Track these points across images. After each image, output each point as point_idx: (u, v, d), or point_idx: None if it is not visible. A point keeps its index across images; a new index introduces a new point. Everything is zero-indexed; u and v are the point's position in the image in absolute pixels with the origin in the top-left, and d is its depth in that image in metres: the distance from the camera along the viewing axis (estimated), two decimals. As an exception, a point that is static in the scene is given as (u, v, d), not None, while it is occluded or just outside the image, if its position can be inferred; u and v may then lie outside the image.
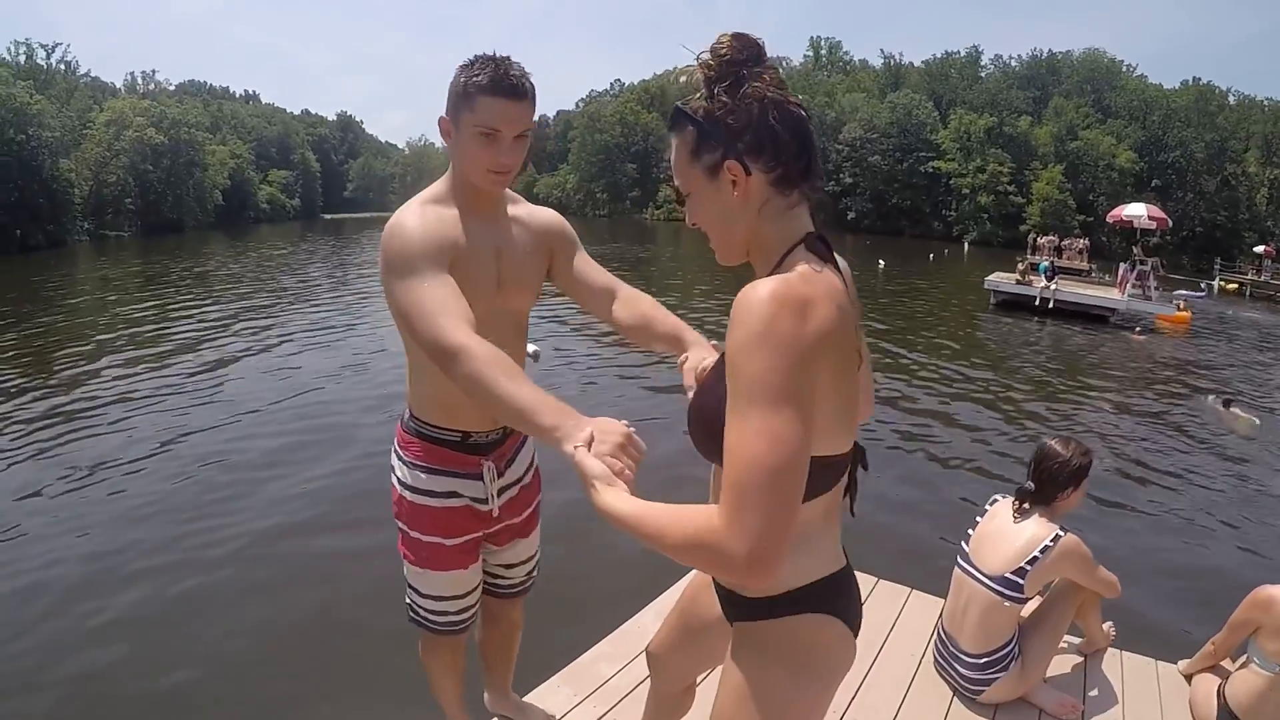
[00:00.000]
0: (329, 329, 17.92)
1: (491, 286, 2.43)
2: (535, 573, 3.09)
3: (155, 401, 11.67)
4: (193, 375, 13.41)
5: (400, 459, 2.68)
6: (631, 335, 2.47)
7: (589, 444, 1.65)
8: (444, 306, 2.07)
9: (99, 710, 4.84)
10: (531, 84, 2.28)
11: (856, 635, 1.76)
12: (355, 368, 13.84)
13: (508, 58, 2.27)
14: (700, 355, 2.12)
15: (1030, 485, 3.45)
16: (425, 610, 2.80)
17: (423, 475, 2.62)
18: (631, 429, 1.70)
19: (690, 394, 1.99)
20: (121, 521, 7.51)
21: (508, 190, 2.53)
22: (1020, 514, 3.44)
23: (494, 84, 2.20)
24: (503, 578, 3.00)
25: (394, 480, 2.70)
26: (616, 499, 1.57)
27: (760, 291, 1.39)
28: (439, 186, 2.43)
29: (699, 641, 2.18)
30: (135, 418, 10.78)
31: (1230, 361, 18.34)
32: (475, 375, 1.92)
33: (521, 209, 2.61)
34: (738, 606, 1.77)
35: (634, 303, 2.53)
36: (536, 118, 2.30)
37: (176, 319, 19.94)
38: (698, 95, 1.59)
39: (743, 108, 1.52)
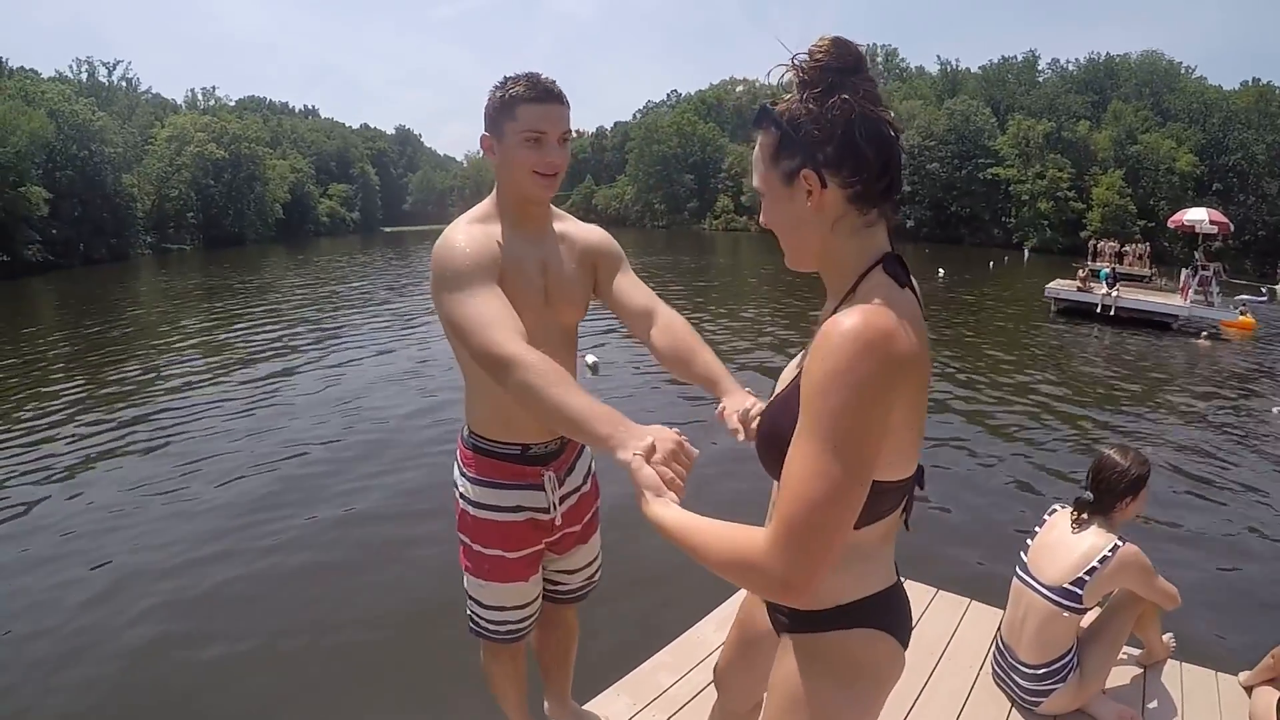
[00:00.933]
0: (385, 338, 18.14)
1: (539, 300, 2.49)
2: (596, 578, 3.14)
3: (215, 407, 11.96)
4: (251, 383, 13.71)
5: (463, 474, 2.74)
6: (666, 363, 2.49)
7: (646, 454, 1.69)
8: (496, 318, 2.13)
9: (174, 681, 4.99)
10: (561, 90, 2.39)
11: (906, 648, 1.76)
12: (410, 374, 14.03)
13: (537, 74, 2.38)
14: (738, 403, 2.13)
15: (1089, 495, 3.42)
16: (486, 621, 2.86)
17: (486, 490, 2.68)
18: (683, 436, 1.74)
19: (738, 437, 2.04)
20: (178, 518, 7.77)
21: (554, 208, 2.60)
22: (1079, 524, 3.42)
23: (533, 90, 2.32)
24: (563, 584, 3.05)
25: (457, 495, 2.76)
26: (666, 510, 1.64)
27: (844, 328, 1.39)
28: (485, 206, 2.51)
29: (758, 657, 2.16)
30: (197, 422, 11.05)
31: (1296, 368, 17.96)
32: (528, 384, 1.97)
33: (568, 225, 2.67)
34: (787, 618, 1.79)
35: (671, 330, 2.53)
36: (594, 128, 2.38)
37: (237, 328, 20.29)
38: (788, 97, 1.56)
39: (829, 118, 1.47)
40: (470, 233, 2.38)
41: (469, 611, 2.89)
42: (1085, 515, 3.43)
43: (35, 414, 12.00)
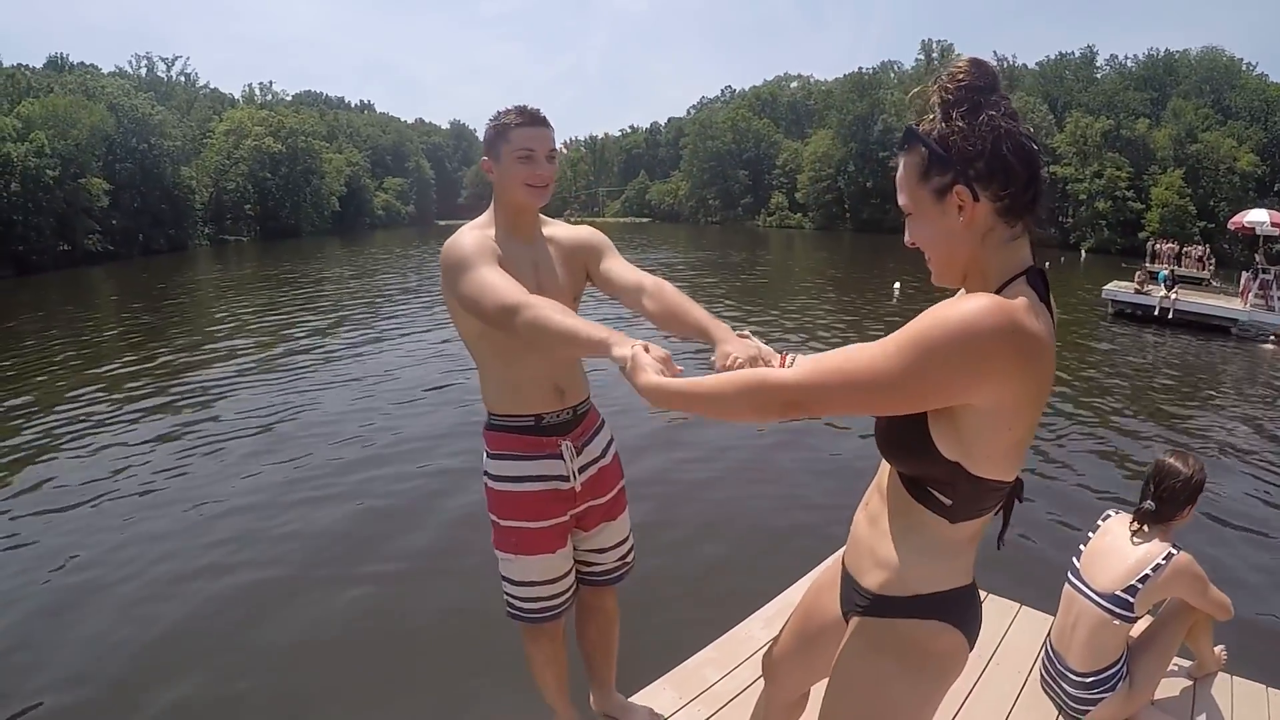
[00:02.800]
0: (432, 328, 18.26)
1: (536, 280, 2.75)
2: (630, 559, 3.27)
3: (264, 393, 12.19)
4: (302, 371, 13.93)
5: (487, 455, 2.96)
6: (660, 324, 2.68)
7: (643, 347, 1.96)
8: (501, 281, 2.50)
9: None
10: (547, 117, 2.79)
11: (973, 647, 1.83)
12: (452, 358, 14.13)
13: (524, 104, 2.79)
14: (730, 349, 2.25)
15: (1151, 505, 3.38)
16: (518, 599, 3.01)
17: (507, 463, 2.91)
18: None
19: None
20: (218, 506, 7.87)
21: (542, 216, 2.95)
22: (1140, 536, 3.37)
23: (523, 117, 2.72)
24: (596, 564, 3.18)
25: (484, 479, 2.97)
26: (671, 380, 1.85)
27: (976, 298, 1.52)
28: (484, 218, 2.86)
29: (818, 648, 2.20)
30: (248, 410, 11.25)
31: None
32: (536, 318, 2.32)
33: (556, 229, 2.99)
34: (866, 600, 1.85)
35: (660, 295, 2.73)
36: (648, 124, 2.56)
37: (295, 316, 20.54)
38: (930, 118, 1.63)
39: (978, 134, 1.55)
40: (472, 234, 2.73)
41: (504, 595, 3.04)
42: (1147, 527, 3.39)
43: (95, 394, 12.25)
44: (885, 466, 1.85)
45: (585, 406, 3.03)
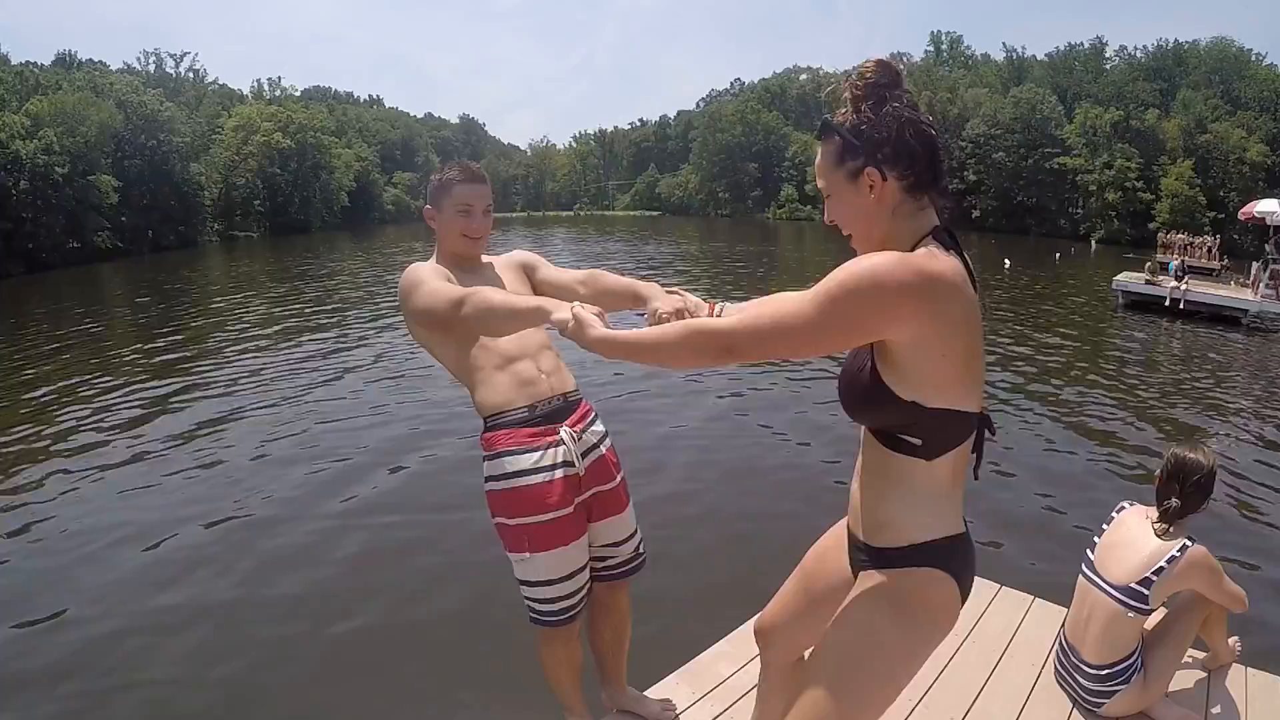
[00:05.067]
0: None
1: None
2: (643, 551, 3.26)
3: (274, 390, 12.20)
4: (308, 367, 13.88)
5: (486, 460, 2.96)
6: (600, 302, 2.62)
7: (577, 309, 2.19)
8: (447, 285, 2.82)
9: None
10: (482, 171, 3.11)
11: (965, 599, 1.95)
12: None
13: (465, 161, 3.16)
14: (658, 305, 2.44)
15: (1176, 503, 3.36)
16: (537, 601, 2.99)
17: (506, 460, 2.89)
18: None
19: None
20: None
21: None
22: (1166, 535, 3.34)
23: (464, 174, 3.02)
24: (611, 557, 3.18)
25: (487, 487, 2.97)
26: (617, 332, 2.08)
27: (880, 253, 1.73)
28: (432, 260, 3.09)
29: (819, 608, 2.27)
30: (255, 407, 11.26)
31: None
32: (480, 302, 2.66)
33: (495, 258, 3.24)
34: (867, 556, 1.98)
35: (592, 280, 3.03)
36: (657, 118, 2.68)
37: (304, 312, 20.56)
38: (843, 111, 1.85)
39: (883, 123, 1.78)
40: (423, 265, 2.98)
41: (524, 599, 3.03)
42: (1172, 527, 3.38)
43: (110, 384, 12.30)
44: (864, 433, 1.97)
45: (576, 396, 3.10)
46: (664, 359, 2.02)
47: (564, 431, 2.93)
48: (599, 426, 3.14)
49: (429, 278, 2.86)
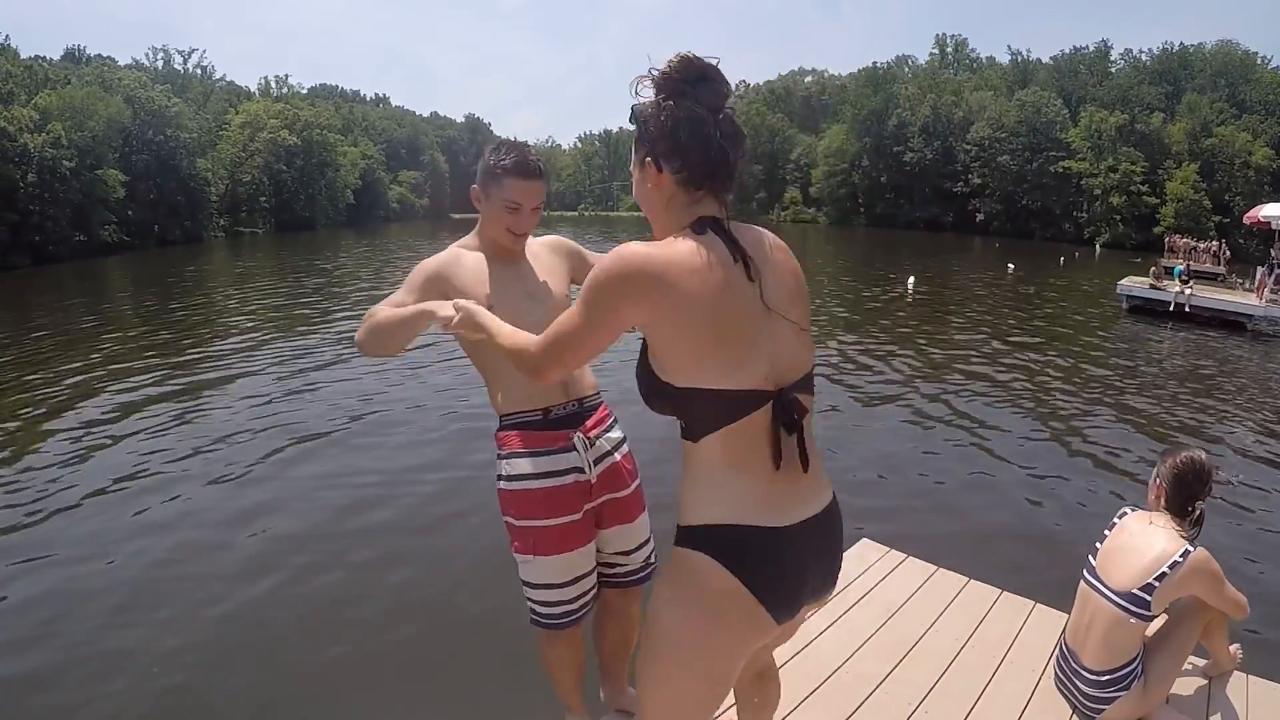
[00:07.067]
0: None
1: (527, 302, 2.90)
2: (654, 559, 3.21)
3: (276, 387, 12.23)
4: (309, 365, 13.89)
5: (499, 457, 2.96)
6: None
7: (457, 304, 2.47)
8: (386, 302, 2.81)
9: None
10: (545, 167, 2.95)
11: (774, 601, 1.91)
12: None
13: (526, 144, 2.98)
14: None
15: (1202, 506, 3.40)
16: (538, 604, 2.98)
17: (520, 461, 2.89)
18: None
19: None
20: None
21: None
22: (1184, 537, 3.35)
23: (518, 168, 2.86)
24: (621, 565, 3.15)
25: (499, 485, 2.96)
26: (483, 315, 2.40)
27: (610, 252, 1.90)
28: (470, 237, 3.07)
29: None
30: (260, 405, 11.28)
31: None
32: (369, 324, 2.73)
33: (535, 242, 3.14)
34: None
35: None
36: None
37: (307, 308, 20.57)
38: (649, 100, 1.95)
39: (665, 119, 1.89)
40: (447, 256, 2.97)
41: (526, 601, 3.01)
42: (1184, 530, 3.39)
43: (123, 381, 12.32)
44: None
45: (594, 400, 3.06)
46: (497, 344, 2.30)
47: (576, 438, 2.91)
48: (615, 433, 3.11)
49: (407, 283, 2.88)
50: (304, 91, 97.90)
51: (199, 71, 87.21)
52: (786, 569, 1.91)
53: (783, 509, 1.91)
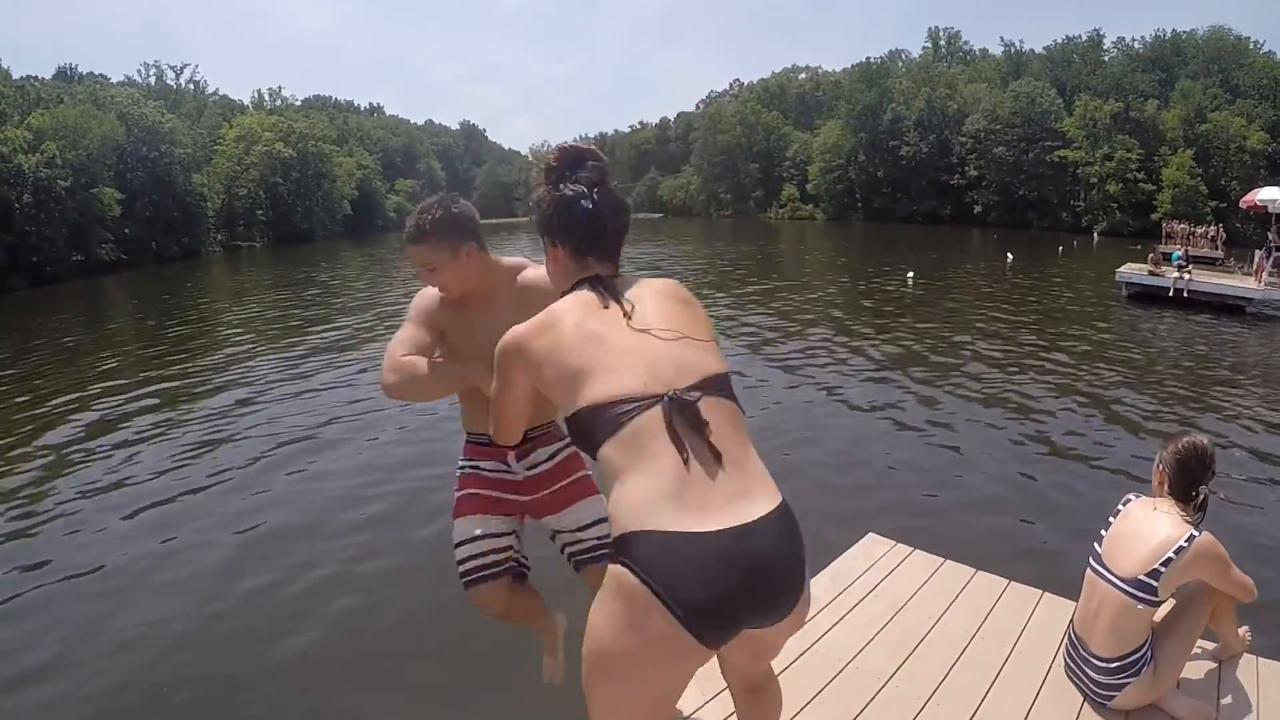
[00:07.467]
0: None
1: (475, 351, 3.02)
2: (606, 538, 3.31)
3: (277, 401, 12.20)
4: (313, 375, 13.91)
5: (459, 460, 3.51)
6: None
7: None
8: (401, 341, 3.09)
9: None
10: (430, 223, 2.99)
11: (683, 609, 1.81)
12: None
13: (432, 204, 3.07)
14: None
15: (1207, 490, 3.41)
16: (460, 560, 3.35)
17: (467, 460, 3.46)
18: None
19: None
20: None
21: (498, 261, 3.23)
22: (1190, 522, 3.35)
23: (407, 232, 3.05)
24: (578, 541, 3.44)
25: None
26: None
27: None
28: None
29: None
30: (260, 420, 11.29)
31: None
32: (409, 373, 3.01)
33: (503, 282, 3.21)
34: None
35: None
36: (657, 120, 2.84)
37: (309, 319, 20.59)
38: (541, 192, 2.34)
39: (550, 205, 2.30)
40: (428, 298, 3.19)
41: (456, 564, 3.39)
42: (1189, 515, 3.40)
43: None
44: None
45: (537, 432, 3.37)
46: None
47: (510, 458, 3.36)
48: (554, 446, 3.43)
49: (410, 317, 3.19)
50: (298, 103, 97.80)
51: (192, 86, 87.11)
52: (704, 578, 1.81)
53: (700, 511, 1.85)
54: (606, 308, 2.14)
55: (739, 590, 1.84)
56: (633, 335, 2.08)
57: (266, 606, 6.22)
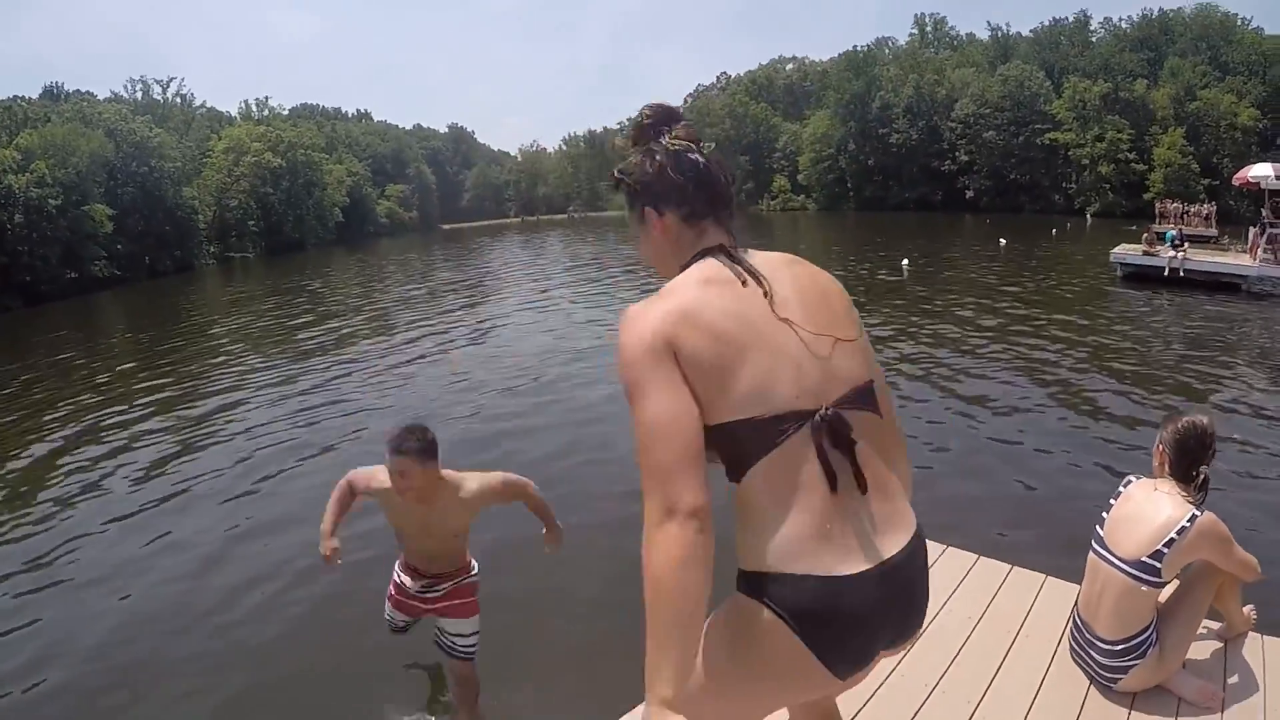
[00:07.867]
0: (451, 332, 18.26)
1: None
2: (470, 652, 4.43)
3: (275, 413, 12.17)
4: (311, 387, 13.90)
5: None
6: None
7: None
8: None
9: None
10: (433, 447, 3.87)
11: (829, 655, 1.75)
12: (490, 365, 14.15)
13: (421, 429, 3.88)
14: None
15: (1206, 470, 3.37)
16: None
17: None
18: None
19: None
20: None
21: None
22: (1193, 502, 3.33)
23: (395, 446, 3.79)
24: (446, 644, 4.44)
25: None
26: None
27: (621, 329, 1.81)
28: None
29: None
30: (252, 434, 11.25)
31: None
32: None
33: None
34: None
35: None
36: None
37: (302, 330, 20.57)
38: (629, 160, 2.00)
39: (652, 164, 1.94)
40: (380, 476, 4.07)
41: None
42: (1190, 495, 3.37)
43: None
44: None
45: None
46: (657, 589, 1.67)
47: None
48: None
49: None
50: (285, 112, 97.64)
51: (179, 100, 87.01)
52: (853, 625, 1.76)
53: (845, 549, 1.74)
54: (745, 285, 1.81)
55: (881, 629, 1.81)
56: (778, 328, 1.79)
57: (255, 599, 6.38)
